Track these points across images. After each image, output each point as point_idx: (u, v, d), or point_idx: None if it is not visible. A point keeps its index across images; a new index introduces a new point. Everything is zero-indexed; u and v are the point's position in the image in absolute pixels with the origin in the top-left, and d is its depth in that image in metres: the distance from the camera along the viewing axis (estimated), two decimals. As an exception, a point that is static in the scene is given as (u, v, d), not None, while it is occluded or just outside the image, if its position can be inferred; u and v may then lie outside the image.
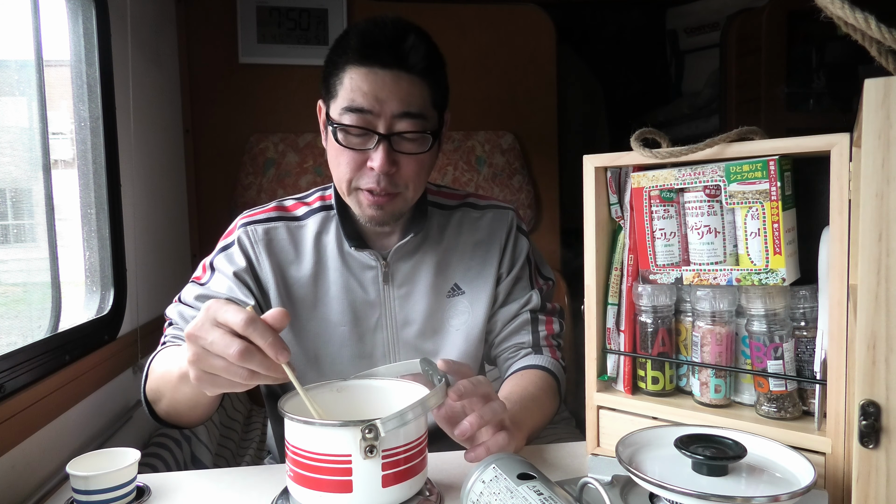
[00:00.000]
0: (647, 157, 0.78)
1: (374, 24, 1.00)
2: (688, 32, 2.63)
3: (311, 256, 1.09)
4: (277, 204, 1.15)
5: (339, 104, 0.98)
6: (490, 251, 1.15)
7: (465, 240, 1.15)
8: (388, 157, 0.97)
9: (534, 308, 1.15)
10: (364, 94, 0.96)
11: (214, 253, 1.10)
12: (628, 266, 0.87)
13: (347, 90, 0.97)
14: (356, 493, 0.71)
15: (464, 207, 1.17)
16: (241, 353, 0.70)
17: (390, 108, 0.97)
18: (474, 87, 2.04)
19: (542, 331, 1.15)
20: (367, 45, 0.97)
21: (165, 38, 1.80)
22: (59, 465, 0.99)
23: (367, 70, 0.96)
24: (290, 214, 1.12)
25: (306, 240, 1.10)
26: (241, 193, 1.94)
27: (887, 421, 0.46)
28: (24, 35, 1.12)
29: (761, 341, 0.77)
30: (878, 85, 0.46)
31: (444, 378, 0.79)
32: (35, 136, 1.15)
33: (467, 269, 1.14)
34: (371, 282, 1.09)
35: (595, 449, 0.90)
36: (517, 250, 1.17)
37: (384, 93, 0.96)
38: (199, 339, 0.71)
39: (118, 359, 1.31)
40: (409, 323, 1.10)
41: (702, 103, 2.53)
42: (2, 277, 1.21)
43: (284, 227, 1.10)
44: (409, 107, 0.97)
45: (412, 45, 0.98)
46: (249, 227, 1.09)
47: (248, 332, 0.70)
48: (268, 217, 1.11)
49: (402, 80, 0.97)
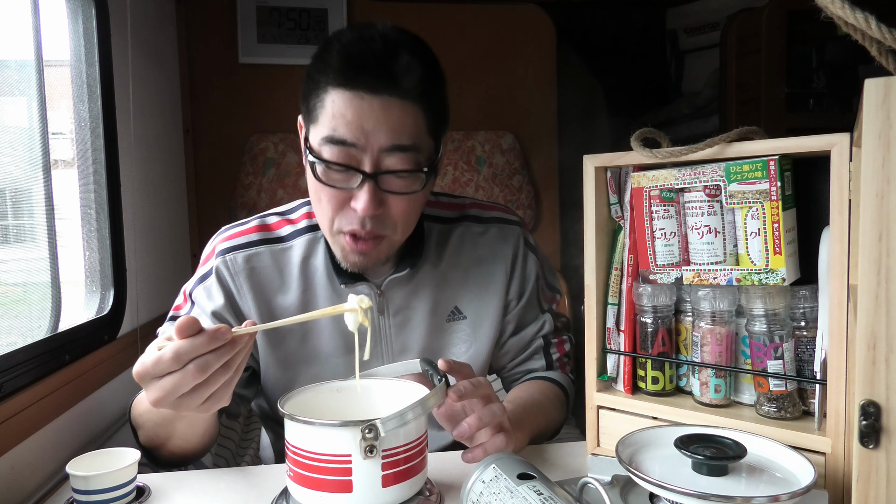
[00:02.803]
0: (647, 156, 0.78)
1: (360, 39, 0.86)
2: (688, 32, 2.63)
3: (297, 284, 0.99)
4: (259, 222, 1.03)
5: (320, 131, 0.86)
6: (494, 273, 1.06)
7: (467, 258, 1.05)
8: (374, 199, 0.85)
9: (547, 333, 1.11)
10: (348, 124, 0.83)
11: (193, 281, 1.02)
12: (628, 266, 0.87)
13: (329, 116, 0.85)
14: (356, 492, 0.71)
15: (465, 221, 1.07)
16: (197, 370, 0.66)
17: (378, 141, 0.84)
18: (474, 87, 2.04)
19: (554, 353, 1.11)
20: (351, 66, 0.83)
21: (165, 38, 1.80)
22: (59, 465, 0.99)
23: (352, 94, 0.83)
24: (274, 235, 1.02)
25: (292, 265, 1.00)
26: (241, 193, 1.94)
27: (887, 421, 0.46)
28: (24, 35, 1.12)
29: (761, 341, 0.77)
30: (878, 85, 0.46)
31: (444, 378, 0.79)
32: (35, 136, 1.15)
33: (469, 292, 1.05)
34: None
35: (595, 449, 0.90)
36: (526, 272, 1.08)
37: (371, 122, 0.83)
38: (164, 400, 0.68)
39: (118, 359, 1.31)
40: (406, 351, 1.03)
41: (702, 103, 2.53)
42: (2, 277, 1.21)
43: (268, 253, 1.00)
44: (400, 138, 0.84)
45: (406, 66, 0.84)
46: (228, 257, 0.99)
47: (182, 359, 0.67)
48: (248, 241, 1.00)
49: (392, 107, 0.83)
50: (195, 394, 0.68)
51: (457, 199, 1.11)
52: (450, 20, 2.03)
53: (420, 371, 0.86)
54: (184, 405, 0.69)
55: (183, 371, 0.67)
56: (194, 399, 0.69)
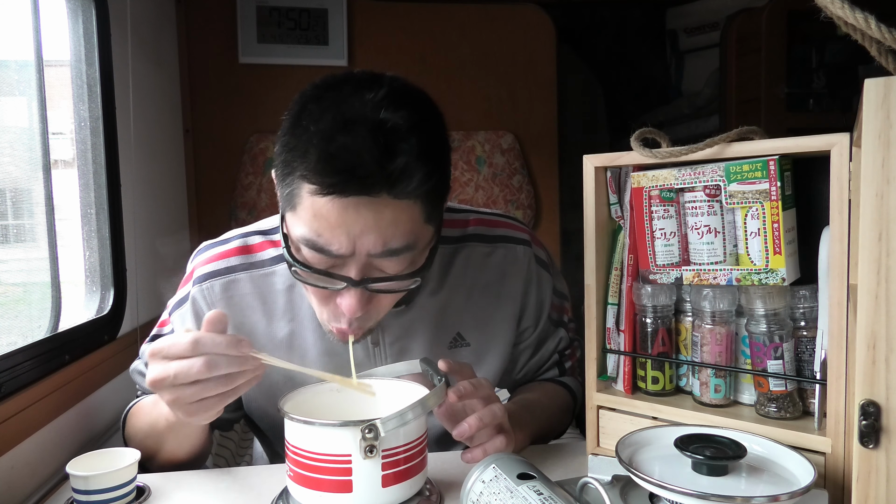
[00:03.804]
0: (647, 156, 0.78)
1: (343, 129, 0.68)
2: (688, 32, 2.63)
3: (282, 315, 0.92)
4: (241, 243, 0.95)
5: (298, 227, 0.74)
6: (503, 299, 0.98)
7: (472, 282, 0.97)
8: (361, 302, 0.76)
9: (563, 348, 1.08)
10: (331, 229, 0.71)
11: (174, 302, 0.97)
12: (628, 266, 0.87)
13: (308, 213, 0.71)
14: (356, 492, 0.71)
15: (470, 242, 0.98)
16: (206, 365, 0.67)
17: (366, 248, 0.72)
18: (474, 87, 2.04)
19: (567, 363, 1.10)
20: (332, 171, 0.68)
21: (165, 38, 1.80)
22: (59, 465, 0.99)
23: (334, 197, 0.69)
24: (256, 259, 0.93)
25: (275, 293, 0.92)
26: (241, 193, 1.94)
27: (887, 421, 0.46)
28: (24, 35, 1.12)
29: (761, 341, 0.77)
30: (878, 85, 0.46)
31: (444, 378, 0.79)
32: (35, 136, 1.15)
33: (473, 318, 0.97)
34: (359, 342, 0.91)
35: (595, 449, 0.90)
36: (541, 297, 1.02)
37: (358, 227, 0.70)
38: (163, 382, 0.69)
39: (118, 359, 1.31)
40: None
41: (702, 103, 2.53)
42: (2, 277, 1.21)
43: (248, 279, 0.92)
44: (393, 242, 0.72)
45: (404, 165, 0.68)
46: (205, 285, 0.92)
47: (197, 349, 0.68)
48: (227, 267, 0.92)
49: (385, 208, 0.70)
50: (190, 389, 0.68)
51: (460, 215, 1.01)
52: (450, 20, 2.03)
53: (420, 371, 0.86)
54: (176, 396, 0.69)
55: (191, 360, 0.67)
56: (186, 395, 0.69)
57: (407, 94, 0.74)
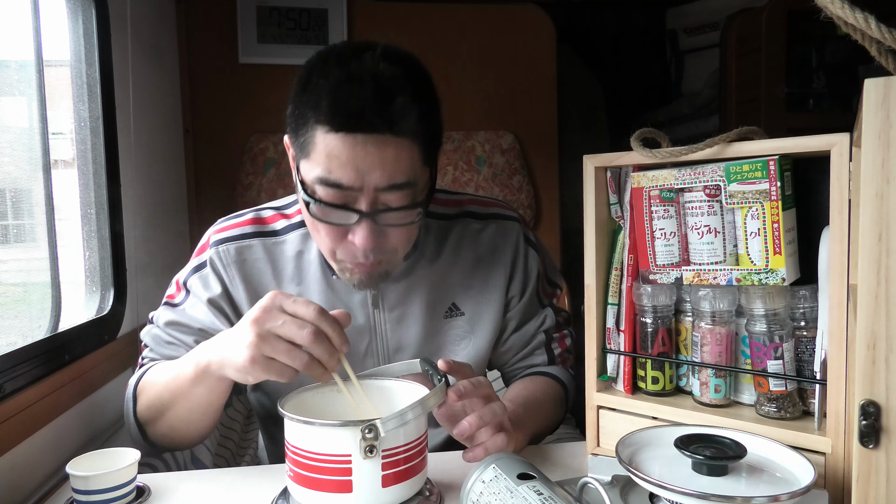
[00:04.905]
0: (647, 156, 0.78)
1: (349, 80, 0.81)
2: (687, 32, 2.63)
3: (291, 279, 1.00)
4: (254, 215, 1.03)
5: (313, 170, 0.84)
6: (494, 270, 1.06)
7: (466, 255, 1.05)
8: (372, 234, 0.86)
9: (548, 328, 1.11)
10: (342, 166, 0.82)
11: (188, 271, 1.02)
12: (628, 266, 0.87)
13: (321, 155, 0.83)
14: (356, 493, 0.71)
15: (464, 218, 1.07)
16: (313, 336, 0.74)
17: (373, 181, 0.83)
18: (474, 87, 2.04)
19: (556, 348, 1.12)
20: (343, 112, 0.81)
21: (165, 38, 1.80)
22: (59, 465, 0.99)
23: (345, 135, 0.81)
24: (268, 228, 1.02)
25: (285, 260, 1.00)
26: (241, 193, 1.94)
27: (887, 421, 0.46)
28: (24, 35, 1.12)
29: (761, 341, 0.77)
30: (878, 85, 0.46)
31: (444, 378, 0.79)
32: (35, 136, 1.15)
33: (468, 288, 1.05)
34: (359, 306, 1.00)
35: (595, 449, 0.90)
36: (528, 269, 1.09)
37: (366, 163, 0.82)
38: (267, 323, 0.75)
39: (118, 359, 1.31)
40: (402, 349, 1.03)
41: (702, 103, 2.53)
42: (2, 277, 1.21)
43: (260, 245, 1.00)
44: (396, 177, 0.83)
45: (401, 106, 0.81)
46: (221, 248, 1.00)
47: (318, 321, 0.75)
48: (241, 234, 1.01)
49: (388, 145, 0.82)
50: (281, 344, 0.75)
51: (455, 196, 1.11)
52: (450, 20, 2.03)
53: (420, 371, 0.86)
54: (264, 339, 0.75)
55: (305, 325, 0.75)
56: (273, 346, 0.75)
57: (399, 53, 0.86)
